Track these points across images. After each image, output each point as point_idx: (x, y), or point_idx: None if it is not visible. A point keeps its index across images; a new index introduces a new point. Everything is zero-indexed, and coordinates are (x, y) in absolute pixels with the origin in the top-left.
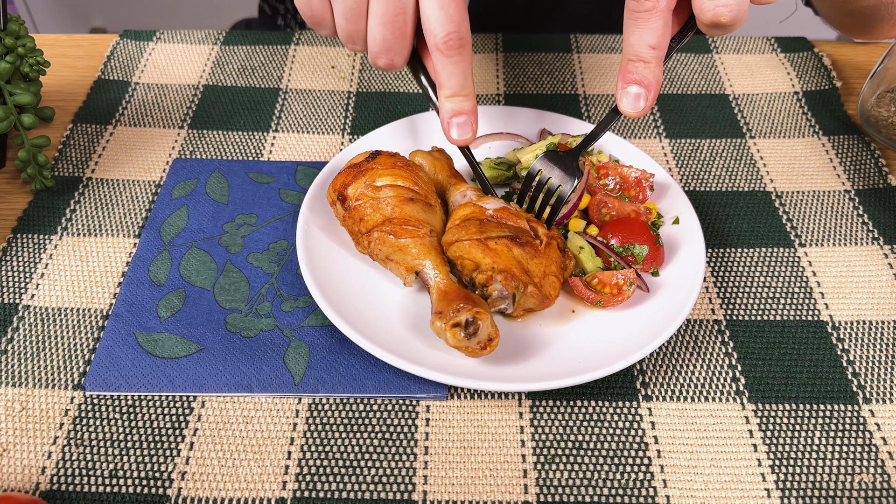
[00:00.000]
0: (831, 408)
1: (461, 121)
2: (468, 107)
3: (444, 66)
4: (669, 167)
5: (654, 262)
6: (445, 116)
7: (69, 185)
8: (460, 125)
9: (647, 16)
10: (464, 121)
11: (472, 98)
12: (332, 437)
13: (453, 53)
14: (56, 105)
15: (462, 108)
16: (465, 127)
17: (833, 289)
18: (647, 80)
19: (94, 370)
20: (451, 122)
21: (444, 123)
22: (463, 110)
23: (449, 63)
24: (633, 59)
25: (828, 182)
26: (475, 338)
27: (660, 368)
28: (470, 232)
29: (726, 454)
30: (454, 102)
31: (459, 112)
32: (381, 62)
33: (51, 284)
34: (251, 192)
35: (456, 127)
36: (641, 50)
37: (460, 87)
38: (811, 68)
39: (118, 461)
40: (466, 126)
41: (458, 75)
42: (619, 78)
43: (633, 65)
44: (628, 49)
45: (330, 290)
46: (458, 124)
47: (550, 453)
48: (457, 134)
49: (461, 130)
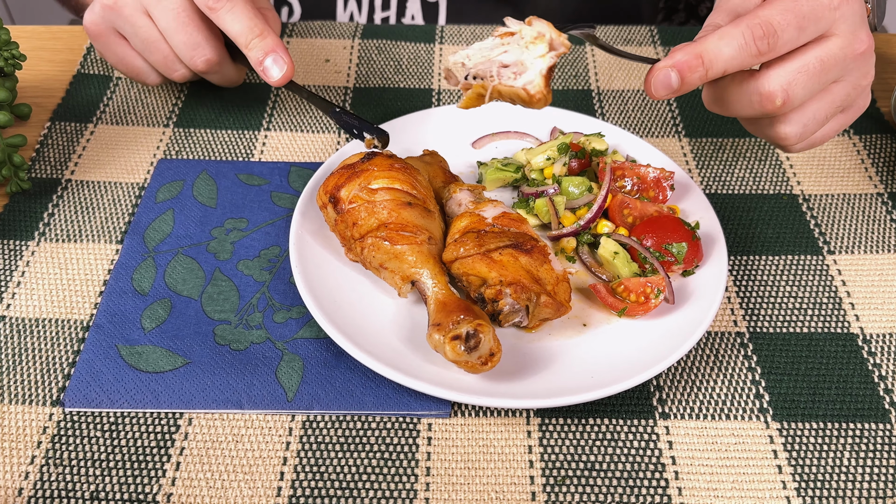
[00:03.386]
0: (862, 427)
1: (269, 61)
2: (269, 44)
3: (222, 20)
4: (689, 168)
5: (694, 258)
6: (256, 66)
7: (47, 188)
8: (270, 66)
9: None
10: (272, 59)
11: (268, 34)
12: (328, 456)
13: (222, 2)
14: (33, 102)
15: (264, 49)
16: (277, 64)
17: (864, 299)
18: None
19: (74, 385)
20: (263, 68)
21: (259, 71)
22: (266, 49)
23: (224, 14)
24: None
25: (859, 184)
26: (476, 352)
27: (678, 384)
28: (469, 246)
29: (749, 476)
30: (253, 48)
31: (263, 54)
32: (198, 63)
33: (27, 294)
34: (241, 195)
35: (269, 69)
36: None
37: (248, 29)
38: None
39: (99, 482)
40: (278, 62)
41: (238, 20)
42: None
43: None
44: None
45: (325, 300)
46: (268, 66)
47: (560, 475)
48: (274, 73)
49: (275, 69)
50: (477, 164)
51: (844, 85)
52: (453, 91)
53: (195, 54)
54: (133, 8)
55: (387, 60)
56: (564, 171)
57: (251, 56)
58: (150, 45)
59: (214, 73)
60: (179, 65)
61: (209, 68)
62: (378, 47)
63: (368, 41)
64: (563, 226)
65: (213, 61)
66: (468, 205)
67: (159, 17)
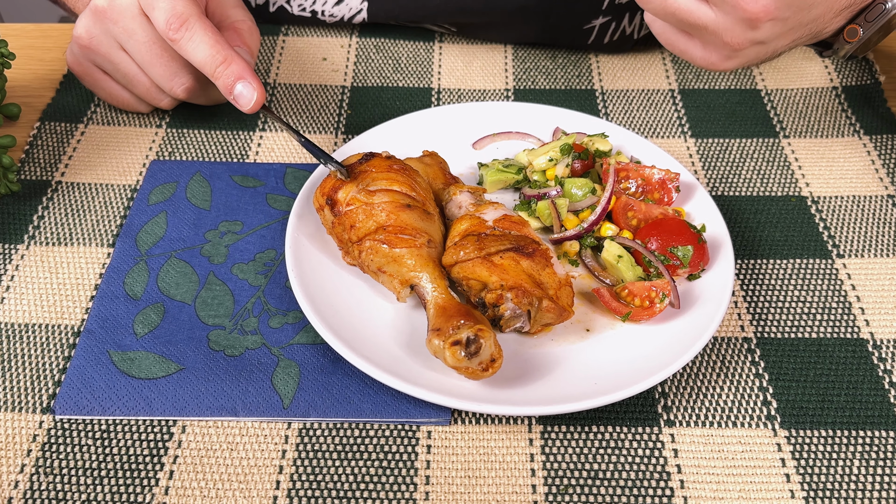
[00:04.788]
0: (872, 434)
1: (239, 89)
2: (234, 71)
3: (184, 51)
4: (695, 169)
5: (700, 262)
6: (227, 95)
7: (37, 190)
8: (241, 94)
9: None
10: (241, 87)
11: (232, 61)
12: (325, 465)
13: (181, 32)
14: (22, 102)
15: (231, 75)
16: (246, 91)
17: (874, 304)
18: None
19: (65, 392)
20: (234, 98)
21: (231, 100)
22: (233, 76)
23: (185, 44)
24: None
25: (869, 186)
26: (476, 358)
27: (684, 391)
28: (470, 250)
29: (756, 485)
30: (219, 77)
31: (232, 81)
32: (179, 92)
33: (17, 298)
34: (236, 197)
35: (239, 98)
36: None
37: (211, 58)
38: (852, 60)
39: (91, 491)
40: (247, 90)
41: (198, 49)
42: None
43: None
44: None
45: (322, 305)
46: (239, 94)
47: (563, 483)
48: (245, 102)
49: (245, 97)
50: (477, 165)
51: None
52: (453, 90)
53: (174, 84)
54: (108, 45)
55: (385, 59)
56: (567, 173)
57: (219, 85)
58: (131, 78)
59: (198, 97)
60: (163, 94)
61: (190, 95)
62: (376, 45)
63: (366, 39)
64: (565, 229)
65: (193, 88)
66: (468, 207)
67: (134, 52)
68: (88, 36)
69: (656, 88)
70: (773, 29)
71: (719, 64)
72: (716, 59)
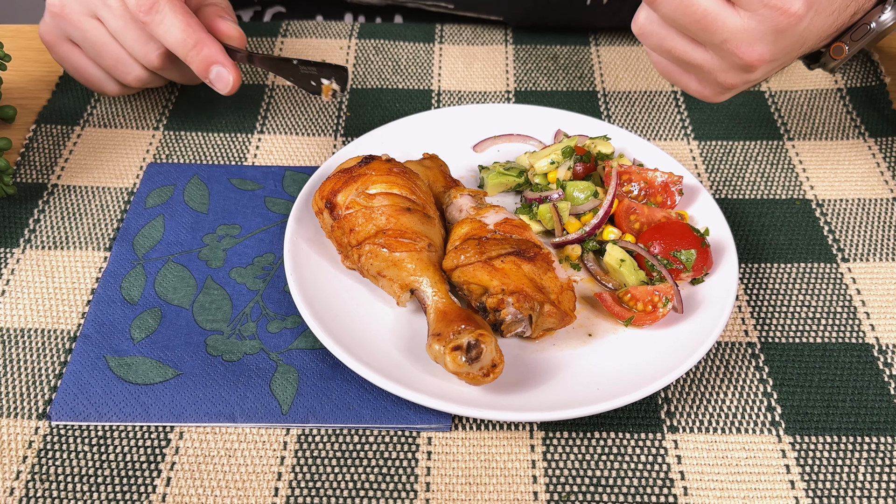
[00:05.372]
0: (878, 441)
1: (215, 73)
2: (207, 55)
3: (156, 33)
4: (698, 172)
5: (703, 265)
6: (203, 79)
7: (32, 193)
8: (218, 76)
9: None
10: (216, 71)
11: (204, 44)
12: (324, 471)
13: (151, 15)
14: (18, 104)
15: (205, 60)
16: (222, 75)
17: (880, 308)
18: None
19: (61, 398)
20: (210, 81)
21: (207, 83)
22: (207, 60)
23: (157, 25)
24: None
25: (874, 189)
26: (477, 363)
27: (687, 396)
28: (470, 254)
29: (761, 492)
30: (192, 61)
31: (205, 66)
32: (153, 58)
33: (12, 303)
34: (234, 201)
35: (217, 81)
36: None
37: (182, 42)
38: (856, 62)
39: (87, 498)
40: (223, 73)
41: (169, 32)
42: None
43: None
44: None
45: (321, 309)
46: (216, 77)
47: (565, 490)
48: (222, 86)
49: (223, 79)
50: (478, 168)
51: None
52: (454, 92)
53: (148, 49)
54: (80, 13)
55: (385, 61)
56: (569, 176)
57: (193, 68)
58: (100, 48)
59: (173, 68)
60: (133, 65)
61: (164, 62)
62: (376, 47)
63: (366, 41)
64: (567, 232)
65: (167, 54)
66: (469, 210)
67: (108, 18)
68: (61, 4)
69: (659, 90)
70: (767, 69)
71: (712, 98)
72: (709, 93)
